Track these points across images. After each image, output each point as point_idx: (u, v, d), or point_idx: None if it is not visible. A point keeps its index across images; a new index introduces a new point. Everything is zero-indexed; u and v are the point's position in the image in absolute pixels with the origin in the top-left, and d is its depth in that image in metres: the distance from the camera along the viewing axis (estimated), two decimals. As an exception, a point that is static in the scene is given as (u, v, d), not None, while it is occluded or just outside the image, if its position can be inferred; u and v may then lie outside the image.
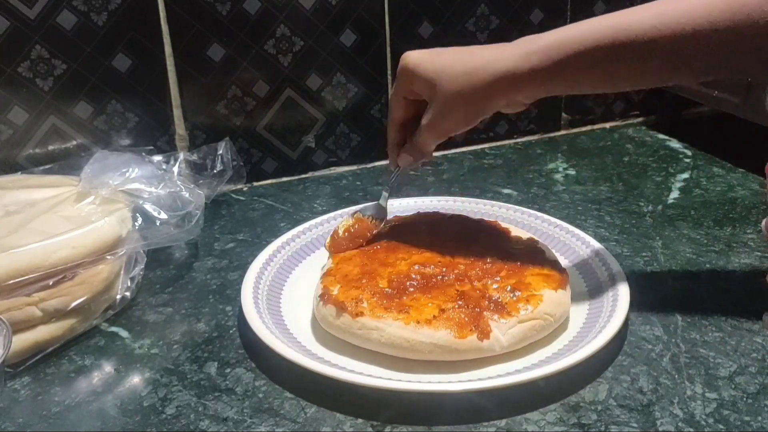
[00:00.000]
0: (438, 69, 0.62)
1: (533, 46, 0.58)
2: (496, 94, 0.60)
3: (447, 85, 0.61)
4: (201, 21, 0.85)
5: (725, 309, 0.64)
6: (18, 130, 0.82)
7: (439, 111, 0.63)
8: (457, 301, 0.59)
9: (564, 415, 0.53)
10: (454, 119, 0.63)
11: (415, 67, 0.63)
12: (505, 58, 0.59)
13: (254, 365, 0.59)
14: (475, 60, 0.60)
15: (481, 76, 0.59)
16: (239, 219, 0.85)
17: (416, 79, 0.63)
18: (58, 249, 0.59)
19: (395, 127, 0.69)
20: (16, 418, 0.54)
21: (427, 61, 0.62)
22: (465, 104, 0.61)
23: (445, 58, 0.62)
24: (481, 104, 0.61)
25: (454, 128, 0.64)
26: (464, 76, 0.60)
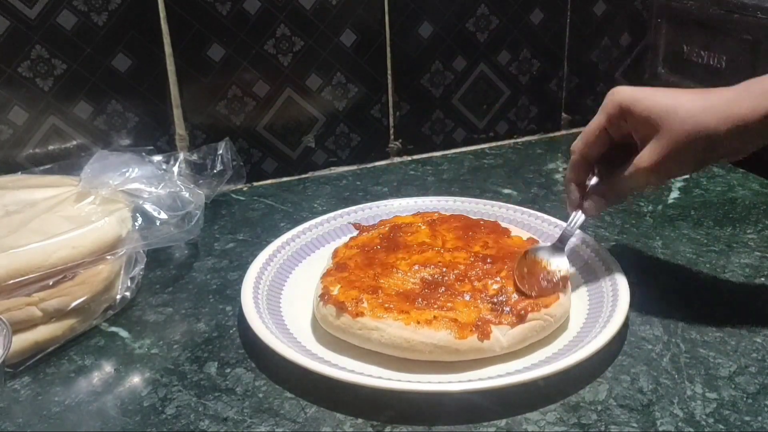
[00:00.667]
0: (666, 105, 0.56)
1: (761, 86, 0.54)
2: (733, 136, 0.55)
3: (680, 123, 0.55)
4: (201, 21, 0.85)
5: (725, 309, 0.64)
6: (18, 130, 0.82)
7: (668, 151, 0.56)
8: (457, 302, 0.59)
9: (564, 415, 0.53)
10: (684, 161, 0.57)
11: (636, 103, 0.57)
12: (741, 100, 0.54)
13: (254, 365, 0.59)
14: (710, 100, 0.55)
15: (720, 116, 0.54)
16: (239, 219, 0.85)
17: (633, 115, 0.57)
18: (58, 249, 0.59)
19: (584, 165, 0.63)
20: (16, 418, 0.54)
21: (650, 98, 0.57)
22: (700, 146, 0.55)
23: (671, 95, 0.57)
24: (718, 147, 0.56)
25: (678, 171, 0.59)
26: (701, 115, 0.55)
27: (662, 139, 0.56)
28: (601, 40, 1.07)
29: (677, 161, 0.57)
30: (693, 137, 0.55)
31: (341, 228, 0.78)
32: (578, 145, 0.63)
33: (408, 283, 0.62)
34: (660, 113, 0.56)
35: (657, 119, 0.56)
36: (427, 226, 0.72)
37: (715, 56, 0.91)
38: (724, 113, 0.54)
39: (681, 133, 0.55)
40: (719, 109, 0.55)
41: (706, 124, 0.55)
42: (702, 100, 0.56)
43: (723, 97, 0.55)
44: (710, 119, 0.55)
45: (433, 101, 1.01)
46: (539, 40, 1.03)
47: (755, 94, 0.54)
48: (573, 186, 0.64)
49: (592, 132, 0.61)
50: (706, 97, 0.56)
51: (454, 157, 1.02)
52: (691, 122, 0.55)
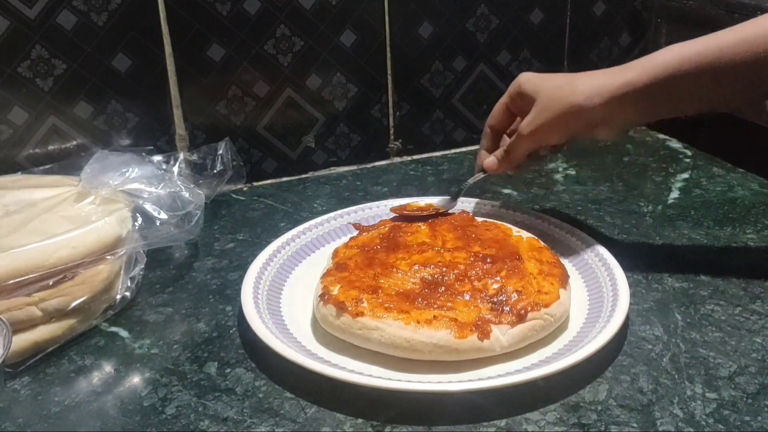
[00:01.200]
0: (543, 83, 0.67)
1: (628, 65, 0.63)
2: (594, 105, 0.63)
3: (548, 91, 0.66)
4: (201, 21, 0.85)
5: (725, 309, 0.64)
6: (18, 130, 0.82)
7: (538, 116, 0.66)
8: (457, 302, 0.59)
9: (564, 415, 0.53)
10: (551, 127, 0.66)
11: (526, 82, 0.69)
12: (601, 75, 0.64)
13: (254, 365, 0.59)
14: (577, 78, 0.65)
15: (580, 89, 0.64)
16: (239, 219, 0.85)
17: (523, 93, 0.68)
18: (58, 249, 0.59)
19: (489, 134, 0.75)
20: (16, 418, 0.54)
21: (537, 79, 0.68)
22: (564, 113, 0.65)
23: (551, 77, 0.68)
24: (580, 115, 0.64)
25: (549, 134, 0.67)
26: (565, 87, 0.65)
27: (535, 108, 0.67)
28: (601, 40, 1.07)
29: (547, 126, 0.66)
30: (557, 104, 0.65)
31: (341, 228, 0.78)
32: (488, 118, 0.75)
33: (408, 283, 0.62)
34: (539, 87, 0.67)
35: (537, 91, 0.67)
36: (427, 226, 0.72)
37: (715, 56, 0.91)
38: (586, 85, 0.64)
39: (549, 100, 0.66)
40: (583, 83, 0.64)
41: (567, 93, 0.65)
42: (575, 76, 0.66)
43: (594, 73, 0.65)
44: (572, 89, 0.64)
45: (433, 101, 1.01)
46: (539, 40, 1.03)
47: (620, 69, 0.63)
48: (482, 151, 0.76)
49: (497, 107, 0.74)
50: (577, 75, 0.66)
51: (454, 157, 1.02)
52: (557, 92, 0.66)
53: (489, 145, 0.75)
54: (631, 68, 0.62)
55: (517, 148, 0.70)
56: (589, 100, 0.63)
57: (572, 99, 0.64)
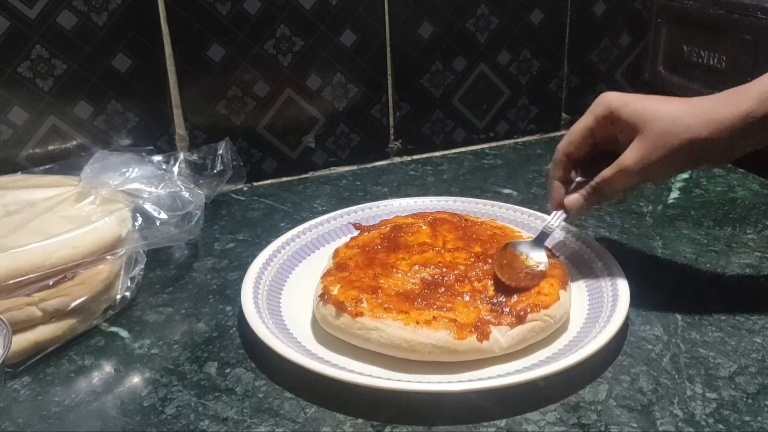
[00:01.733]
0: (651, 109, 0.58)
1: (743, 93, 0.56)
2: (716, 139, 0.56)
3: (663, 125, 0.57)
4: (201, 21, 0.85)
5: (725, 309, 0.64)
6: (18, 130, 0.82)
7: (650, 152, 0.57)
8: (457, 303, 0.59)
9: (564, 415, 0.53)
10: (667, 162, 0.58)
11: (623, 106, 0.59)
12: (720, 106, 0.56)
13: (254, 365, 0.59)
14: (693, 106, 0.58)
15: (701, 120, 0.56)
16: (239, 219, 0.85)
17: (620, 119, 0.59)
18: (58, 249, 0.59)
19: (567, 164, 0.64)
20: (16, 418, 0.54)
21: (636, 102, 0.59)
22: (683, 147, 0.57)
23: (655, 101, 0.59)
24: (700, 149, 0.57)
25: (661, 172, 0.60)
26: (683, 118, 0.57)
27: (644, 140, 0.58)
28: (601, 40, 1.07)
29: (659, 162, 0.58)
30: (674, 138, 0.57)
31: (341, 228, 0.78)
32: (563, 143, 0.64)
33: (408, 283, 0.62)
34: (644, 115, 0.58)
35: (641, 120, 0.58)
36: (428, 227, 0.72)
37: (715, 56, 0.91)
38: (705, 116, 0.56)
39: (663, 134, 0.57)
40: (701, 113, 0.57)
41: (686, 126, 0.57)
42: (685, 104, 0.58)
43: (706, 102, 0.57)
44: (692, 121, 0.56)
45: (433, 101, 1.01)
46: (539, 40, 1.03)
47: (737, 97, 0.56)
48: (556, 183, 0.65)
49: (579, 132, 0.63)
50: (691, 101, 0.58)
51: (454, 157, 1.02)
52: (673, 124, 0.57)
53: (564, 176, 0.65)
54: (747, 96, 0.56)
55: (616, 184, 0.61)
56: (713, 135, 0.56)
57: (693, 134, 0.56)
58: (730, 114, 0.56)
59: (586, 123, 0.62)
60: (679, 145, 0.57)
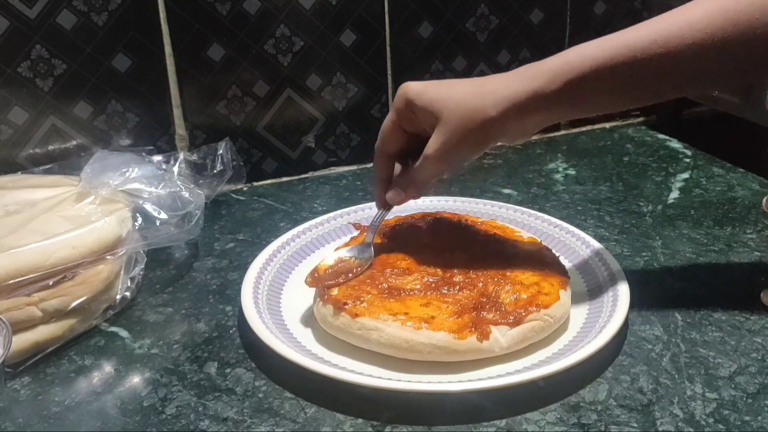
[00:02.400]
0: (444, 96, 0.59)
1: (537, 70, 0.57)
2: (506, 118, 0.57)
3: (455, 110, 0.58)
4: (201, 21, 0.85)
5: (725, 309, 0.64)
6: (18, 130, 0.82)
7: (447, 138, 0.59)
8: (457, 302, 0.59)
9: (564, 415, 0.53)
10: (464, 146, 0.60)
11: (418, 96, 0.60)
12: (510, 83, 0.57)
13: (254, 365, 0.59)
14: (483, 86, 0.59)
15: (490, 100, 0.57)
16: (239, 219, 0.85)
17: (419, 109, 0.60)
18: (58, 249, 0.59)
19: (385, 161, 0.65)
20: (16, 418, 0.54)
21: (431, 91, 0.60)
22: (476, 130, 0.58)
23: (448, 86, 0.61)
24: (492, 129, 0.58)
25: (461, 157, 0.61)
26: (473, 100, 0.58)
27: (442, 127, 0.59)
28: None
29: (459, 146, 0.59)
30: (468, 122, 0.58)
31: (341, 228, 0.78)
32: (377, 141, 0.65)
33: (408, 283, 0.62)
34: (438, 103, 0.59)
35: (437, 109, 0.59)
36: (428, 227, 0.72)
37: (715, 56, 0.91)
38: (495, 96, 0.57)
39: (457, 119, 0.58)
40: (491, 93, 0.58)
41: (476, 108, 0.58)
42: (476, 85, 0.59)
43: (497, 82, 0.58)
44: (481, 103, 0.58)
45: (433, 101, 1.01)
46: (539, 40, 1.03)
47: (526, 76, 0.57)
48: (376, 182, 0.66)
49: (386, 127, 0.64)
50: (481, 83, 0.59)
51: (454, 157, 1.02)
52: (464, 108, 0.58)
53: (385, 174, 0.66)
54: (540, 74, 0.57)
55: (424, 173, 0.62)
56: (503, 113, 0.57)
57: (484, 114, 0.57)
58: (520, 91, 0.57)
59: (391, 118, 0.63)
60: (473, 127, 0.58)
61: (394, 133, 0.64)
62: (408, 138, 0.64)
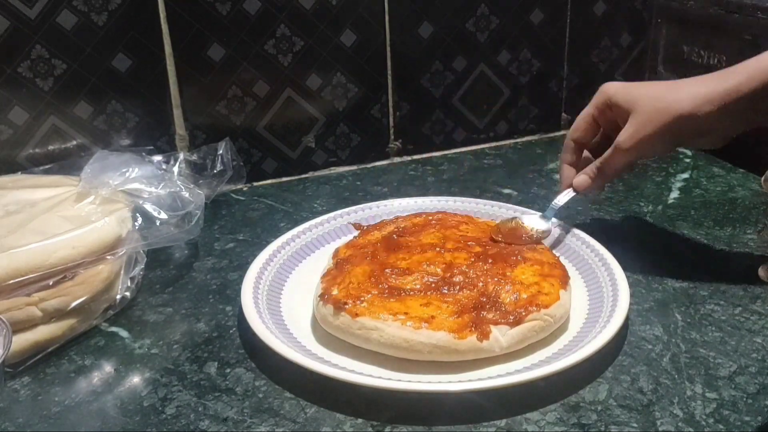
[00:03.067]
0: (641, 93, 0.63)
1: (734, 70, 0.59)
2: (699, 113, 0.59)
3: (649, 103, 0.62)
4: (201, 21, 0.85)
5: (725, 309, 0.64)
6: (18, 130, 0.82)
7: (640, 128, 0.62)
8: (457, 302, 0.59)
9: (564, 415, 0.53)
10: (656, 138, 0.62)
11: (616, 92, 0.65)
12: (707, 81, 0.60)
13: (254, 365, 0.59)
14: (678, 84, 0.62)
15: (684, 95, 0.60)
16: (239, 219, 0.85)
17: (616, 104, 0.65)
18: (58, 249, 0.59)
19: (574, 148, 0.71)
20: (16, 418, 0.54)
21: (629, 88, 0.65)
22: (668, 122, 0.61)
23: (645, 85, 0.65)
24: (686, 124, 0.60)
25: (652, 149, 0.65)
26: (667, 95, 0.61)
27: (635, 119, 0.63)
28: (601, 40, 1.07)
29: (649, 138, 0.63)
30: (661, 114, 0.61)
31: (341, 228, 0.78)
32: (571, 129, 0.71)
33: (408, 283, 0.62)
34: (636, 97, 0.64)
35: (633, 102, 0.63)
36: (428, 227, 0.72)
37: (715, 56, 0.91)
38: (691, 91, 0.60)
39: (650, 111, 0.62)
40: (686, 89, 0.61)
41: (671, 101, 0.61)
42: (674, 83, 0.63)
43: (693, 81, 0.62)
44: (676, 96, 0.61)
45: (433, 101, 1.01)
46: (539, 40, 1.03)
47: (723, 74, 0.60)
48: (565, 166, 0.72)
49: (582, 119, 0.70)
50: (677, 82, 0.63)
51: (454, 157, 1.02)
52: (659, 101, 0.62)
53: (573, 159, 0.71)
54: (734, 73, 0.59)
55: (614, 163, 0.66)
56: (697, 108, 0.59)
57: (678, 108, 0.60)
58: (715, 89, 0.59)
59: (588, 110, 0.69)
60: (667, 120, 0.61)
61: (588, 124, 0.69)
62: (599, 132, 0.70)
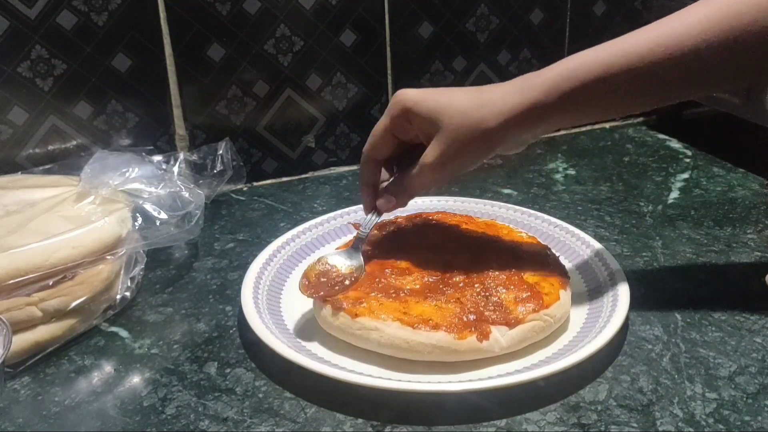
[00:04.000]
0: (443, 105, 0.58)
1: (535, 80, 0.57)
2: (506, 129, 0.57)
3: (456, 120, 0.58)
4: (201, 21, 0.85)
5: (725, 309, 0.64)
6: (18, 130, 0.82)
7: (447, 147, 0.58)
8: (457, 302, 0.59)
9: (564, 415, 0.53)
10: (464, 157, 0.59)
11: (416, 104, 0.59)
12: (510, 94, 0.57)
13: (254, 365, 0.59)
14: (482, 97, 0.58)
15: (490, 111, 0.57)
16: (239, 219, 0.85)
17: (416, 117, 0.59)
18: (58, 249, 0.59)
19: (373, 166, 0.64)
20: (16, 418, 0.54)
21: (429, 99, 0.59)
22: (476, 140, 0.58)
23: (447, 95, 0.60)
24: (492, 140, 0.58)
25: (460, 166, 0.60)
26: (473, 111, 0.57)
27: (441, 136, 0.58)
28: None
29: (458, 157, 0.59)
30: (468, 132, 0.57)
31: (341, 228, 0.78)
32: (366, 146, 0.64)
33: (408, 283, 0.62)
34: (438, 111, 0.58)
35: (435, 118, 0.58)
36: (428, 227, 0.72)
37: (715, 56, 0.91)
38: (495, 107, 0.57)
39: (457, 130, 0.58)
40: (491, 104, 0.57)
41: (478, 119, 0.57)
42: (475, 97, 0.58)
43: (496, 92, 0.58)
44: (483, 114, 0.57)
45: (433, 101, 1.01)
46: (539, 40, 1.03)
47: (526, 86, 0.57)
48: (364, 188, 0.65)
49: (378, 133, 0.62)
50: (480, 93, 0.59)
51: (454, 157, 1.02)
52: (465, 118, 0.57)
53: (373, 179, 0.65)
54: (538, 84, 0.56)
55: (420, 182, 0.61)
56: (502, 125, 0.57)
57: (484, 125, 0.57)
58: (518, 104, 0.56)
59: (383, 124, 0.62)
60: (473, 138, 0.57)
61: (385, 140, 0.62)
62: (398, 145, 0.63)
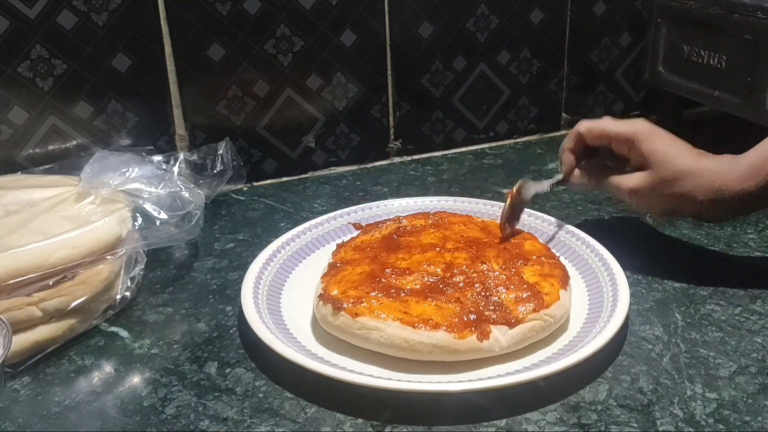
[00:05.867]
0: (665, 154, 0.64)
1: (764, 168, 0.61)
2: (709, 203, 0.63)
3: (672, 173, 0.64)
4: (201, 21, 0.85)
5: (725, 309, 0.64)
6: (18, 130, 0.82)
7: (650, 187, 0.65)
8: (457, 302, 0.59)
9: (564, 415, 0.53)
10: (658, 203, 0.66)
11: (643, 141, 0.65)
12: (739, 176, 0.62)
13: (254, 365, 0.59)
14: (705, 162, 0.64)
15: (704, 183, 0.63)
16: (239, 219, 0.85)
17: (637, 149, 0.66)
18: (58, 249, 0.59)
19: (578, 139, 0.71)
20: (16, 418, 0.54)
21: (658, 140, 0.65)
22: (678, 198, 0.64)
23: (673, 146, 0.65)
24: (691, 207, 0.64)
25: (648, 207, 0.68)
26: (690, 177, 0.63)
27: (651, 176, 0.65)
28: (601, 40, 1.07)
29: (653, 198, 0.66)
30: (675, 188, 0.64)
31: (341, 228, 0.78)
32: (585, 124, 0.70)
33: (408, 283, 0.62)
34: (659, 157, 0.65)
35: (655, 160, 0.65)
36: (428, 227, 0.72)
37: (715, 56, 0.91)
38: (712, 185, 0.63)
39: (667, 181, 0.64)
40: (703, 176, 0.63)
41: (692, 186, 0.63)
42: (696, 161, 0.64)
43: (712, 166, 0.64)
44: (697, 183, 0.63)
45: (433, 101, 1.01)
46: (539, 40, 1.03)
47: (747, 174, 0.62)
48: (567, 152, 0.72)
49: (598, 130, 0.69)
50: (701, 160, 0.64)
51: (454, 157, 1.02)
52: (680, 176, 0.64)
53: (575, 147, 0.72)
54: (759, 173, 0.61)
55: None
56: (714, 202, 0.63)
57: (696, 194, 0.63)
58: (735, 190, 0.62)
59: (608, 128, 0.68)
60: (678, 195, 0.64)
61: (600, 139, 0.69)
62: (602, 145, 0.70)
